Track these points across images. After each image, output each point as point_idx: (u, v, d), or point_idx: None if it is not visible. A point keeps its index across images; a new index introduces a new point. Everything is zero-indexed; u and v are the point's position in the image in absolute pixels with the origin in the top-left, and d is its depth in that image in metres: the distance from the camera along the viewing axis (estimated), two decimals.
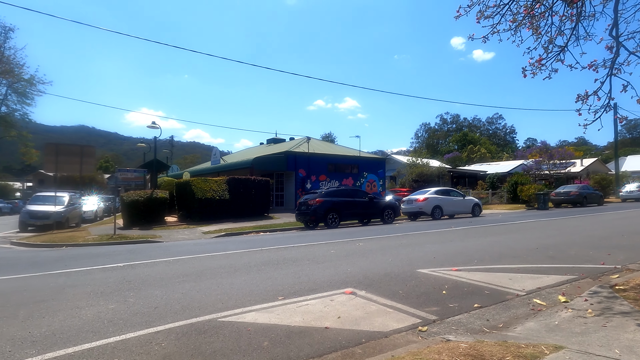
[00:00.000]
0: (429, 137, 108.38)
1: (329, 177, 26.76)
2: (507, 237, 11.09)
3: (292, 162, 25.41)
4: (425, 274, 6.53)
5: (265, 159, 25.67)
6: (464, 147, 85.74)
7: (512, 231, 12.70)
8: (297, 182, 25.40)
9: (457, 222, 17.04)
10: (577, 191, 26.73)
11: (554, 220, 16.22)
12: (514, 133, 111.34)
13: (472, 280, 6.14)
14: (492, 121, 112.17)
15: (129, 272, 7.32)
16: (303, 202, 17.08)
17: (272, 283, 6.14)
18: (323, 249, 9.57)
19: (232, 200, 20.01)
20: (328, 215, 16.36)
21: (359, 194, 18.31)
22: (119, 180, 19.79)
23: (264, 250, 9.67)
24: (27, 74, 45.88)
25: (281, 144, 33.21)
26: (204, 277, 6.66)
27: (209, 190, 19.58)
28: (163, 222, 19.06)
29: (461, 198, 20.49)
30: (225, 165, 28.03)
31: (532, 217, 18.55)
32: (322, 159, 26.72)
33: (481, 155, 77.20)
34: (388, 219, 17.86)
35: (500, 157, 78.36)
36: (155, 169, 20.89)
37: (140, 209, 18.13)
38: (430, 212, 19.13)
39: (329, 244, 10.61)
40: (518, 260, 7.64)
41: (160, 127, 20.02)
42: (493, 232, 12.42)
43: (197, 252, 9.78)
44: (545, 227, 13.87)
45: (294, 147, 27.28)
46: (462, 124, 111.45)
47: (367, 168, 28.77)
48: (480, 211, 20.93)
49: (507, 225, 14.83)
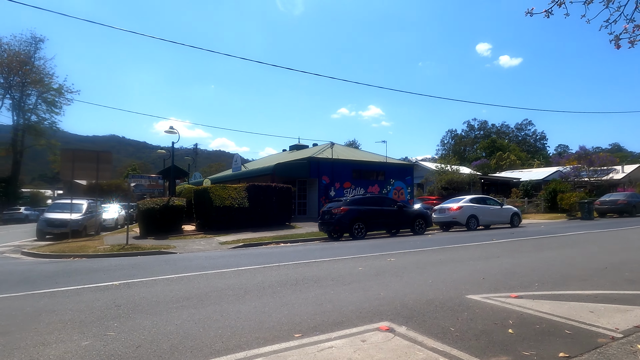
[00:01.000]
0: (456, 144, 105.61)
1: (353, 184, 25.47)
2: (563, 253, 9.55)
3: (315, 169, 24.28)
4: (478, 302, 5.21)
5: (287, 165, 24.66)
6: (492, 154, 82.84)
7: (566, 245, 11.11)
8: (321, 190, 24.24)
9: (497, 233, 15.45)
10: (625, 199, 24.51)
11: (608, 232, 14.44)
12: (544, 139, 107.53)
13: (542, 312, 4.78)
14: (521, 127, 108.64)
15: (123, 293, 6.28)
16: (326, 210, 15.87)
17: (288, 312, 4.96)
18: (349, 265, 8.33)
19: (251, 208, 19.02)
20: (354, 225, 15.08)
21: (387, 202, 16.96)
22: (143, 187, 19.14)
23: (281, 266, 8.50)
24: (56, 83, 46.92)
25: (304, 150, 32.20)
26: (207, 302, 5.54)
27: (227, 198, 18.65)
28: (180, 231, 18.22)
29: (498, 207, 18.83)
30: (246, 172, 27.19)
31: (579, 228, 16.74)
32: (346, 165, 25.48)
33: (511, 163, 74.26)
34: (419, 229, 16.42)
35: (530, 164, 75.32)
36: (172, 176, 20.16)
37: (156, 218, 17.35)
38: (465, 222, 17.58)
39: (356, 258, 9.36)
40: (589, 285, 6.21)
41: (178, 132, 19.31)
42: (543, 246, 10.87)
43: (207, 267, 8.70)
44: (603, 240, 12.17)
45: (317, 152, 26.19)
46: (490, 130, 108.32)
47: (394, 175, 27.33)
48: (520, 221, 19.19)
49: (556, 238, 13.18)
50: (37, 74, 44.13)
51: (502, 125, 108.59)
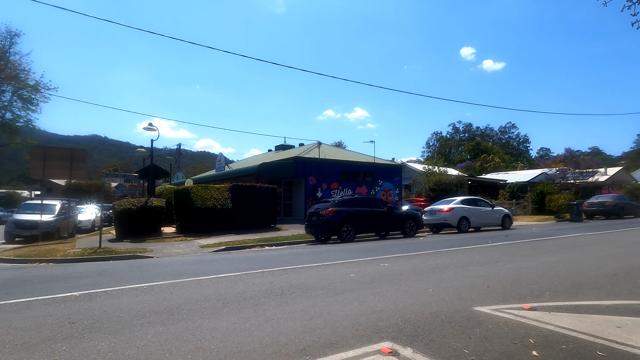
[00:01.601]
0: (441, 146, 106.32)
1: (341, 185, 24.79)
2: (565, 257, 9.02)
3: (301, 169, 23.53)
4: (489, 316, 4.57)
5: (273, 165, 23.86)
6: (477, 157, 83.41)
7: (565, 248, 10.61)
8: (307, 191, 23.50)
9: (490, 236, 14.95)
10: (613, 201, 24.40)
11: (603, 235, 14.05)
12: (527, 142, 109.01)
13: (564, 328, 4.16)
14: (505, 130, 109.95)
15: (82, 306, 5.45)
16: (314, 212, 15.15)
17: (272, 329, 4.23)
18: (340, 272, 7.62)
19: (235, 209, 18.17)
20: (342, 227, 14.39)
21: (377, 203, 16.31)
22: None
23: (265, 272, 7.74)
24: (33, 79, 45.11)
25: (290, 150, 31.42)
26: (178, 317, 4.77)
27: (209, 199, 17.77)
28: (159, 233, 17.27)
29: (490, 208, 18.38)
30: (230, 172, 26.27)
31: (571, 230, 16.37)
32: (334, 165, 24.78)
33: (495, 165, 74.78)
34: (410, 231, 15.81)
35: (514, 166, 76.07)
36: (151, 176, 19.17)
37: (133, 219, 16.37)
38: (456, 224, 17.06)
39: (346, 264, 8.66)
40: (605, 293, 5.65)
41: (158, 129, 18.32)
42: (542, 250, 10.34)
43: (183, 274, 7.89)
44: (601, 243, 11.73)
45: (303, 152, 25.44)
46: (474, 133, 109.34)
47: (382, 176, 26.76)
48: (511, 223, 18.76)
49: (552, 240, 12.71)
50: (12, 70, 42.35)
51: (486, 128, 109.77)
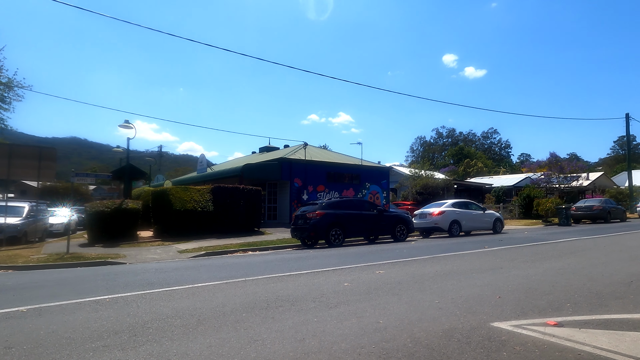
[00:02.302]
0: (425, 151, 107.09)
1: (327, 187, 24.05)
2: (569, 262, 8.44)
3: (286, 171, 22.70)
4: (512, 335, 3.87)
5: (257, 166, 22.96)
6: (460, 161, 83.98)
7: (565, 253, 10.07)
8: (293, 193, 22.67)
9: (484, 240, 14.40)
10: (600, 205, 24.29)
11: (599, 239, 13.64)
12: (509, 148, 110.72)
13: (604, 349, 3.50)
14: (487, 135, 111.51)
15: (26, 324, 4.55)
16: (300, 215, 14.35)
17: (256, 354, 3.44)
18: (332, 280, 6.85)
19: (216, 212, 17.24)
20: (331, 231, 13.63)
21: (366, 205, 15.62)
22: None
23: (248, 281, 6.92)
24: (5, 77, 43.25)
25: (275, 152, 30.54)
26: (142, 338, 3.93)
27: (189, 201, 16.80)
28: (135, 237, 16.22)
29: (481, 212, 17.89)
30: (212, 173, 25.24)
31: (564, 234, 15.97)
32: (320, 167, 24.02)
33: (478, 170, 75.30)
34: (400, 235, 15.14)
35: (496, 171, 76.82)
36: (127, 176, 18.06)
37: (107, 222, 15.31)
38: (448, 228, 16.49)
39: (338, 271, 7.90)
40: (630, 304, 5.03)
41: (135, 127, 17.28)
42: (543, 255, 9.77)
43: (154, 283, 7.00)
44: (599, 247, 11.26)
45: (289, 154, 24.60)
46: (457, 138, 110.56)
47: (369, 178, 26.11)
48: (502, 227, 18.31)
49: (550, 245, 12.20)
50: None
51: (469, 134, 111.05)
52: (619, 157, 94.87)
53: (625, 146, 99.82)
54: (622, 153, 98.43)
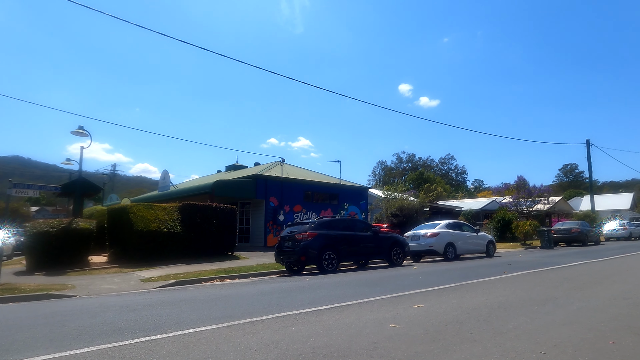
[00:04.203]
0: (386, 175, 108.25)
1: (305, 207, 22.33)
2: (621, 290, 7.23)
3: (262, 189, 20.80)
4: None
5: (230, 183, 20.87)
6: (420, 186, 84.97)
7: (599, 279, 8.92)
8: (268, 213, 20.74)
9: (488, 264, 13.20)
10: (578, 228, 24.14)
11: (605, 262, 12.81)
12: (465, 173, 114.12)
13: None
14: (444, 161, 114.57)
15: None
16: (287, 236, 12.52)
17: None
18: (369, 319, 5.15)
19: (185, 233, 15.04)
20: (324, 254, 11.88)
21: (359, 225, 14.01)
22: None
23: (256, 323, 5.07)
24: None
25: (245, 170, 28.54)
26: None
27: (153, 220, 14.53)
28: (85, 263, 13.70)
29: (474, 234, 16.79)
30: (177, 191, 22.81)
31: (563, 257, 15.13)
32: (297, 185, 22.33)
33: (438, 194, 76.17)
34: (397, 259, 13.62)
35: (454, 196, 78.23)
36: (79, 192, 15.52)
37: (51, 246, 12.78)
38: (443, 250, 15.21)
39: (365, 305, 6.20)
40: None
41: (90, 134, 14.96)
42: (579, 282, 8.55)
43: (123, 329, 4.98)
44: (622, 270, 10.29)
45: (264, 170, 22.71)
46: (417, 163, 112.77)
47: (348, 199, 24.69)
48: (495, 250, 17.30)
49: (567, 269, 11.13)
50: None
51: (427, 159, 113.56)
52: (563, 184, 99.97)
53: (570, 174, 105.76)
54: (565, 180, 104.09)
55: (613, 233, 31.91)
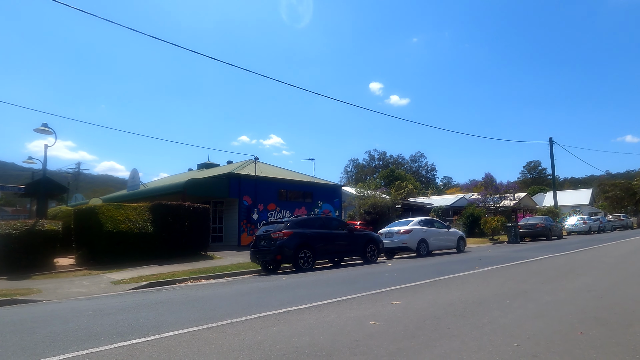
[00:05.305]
0: (358, 173, 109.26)
1: (279, 206, 22.24)
2: (585, 283, 7.61)
3: (235, 187, 20.56)
4: None
5: (202, 182, 20.52)
6: (391, 183, 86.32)
7: (564, 272, 9.35)
8: (242, 212, 20.52)
9: (460, 260, 13.57)
10: (542, 223, 25.16)
11: (571, 255, 13.42)
12: (434, 171, 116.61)
13: None
14: (415, 159, 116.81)
15: None
16: (263, 235, 12.46)
17: None
18: (349, 317, 5.21)
19: (157, 234, 14.70)
20: (299, 253, 11.89)
21: (334, 223, 14.07)
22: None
23: (237, 324, 5.04)
24: None
25: (217, 168, 28.13)
26: None
27: (123, 221, 14.12)
28: (51, 266, 13.17)
29: (446, 230, 17.20)
30: (148, 190, 22.23)
31: (529, 251, 15.73)
32: (271, 184, 22.19)
33: (408, 191, 77.62)
34: (371, 257, 13.81)
35: (424, 193, 79.84)
36: (43, 192, 14.87)
37: (14, 248, 12.21)
38: (416, 247, 15.52)
39: (344, 303, 6.26)
40: None
41: (54, 131, 14.36)
42: (546, 276, 8.94)
43: (99, 334, 4.83)
44: (590, 264, 10.81)
45: (237, 169, 22.42)
46: (388, 161, 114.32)
47: (322, 197, 24.77)
48: (465, 245, 17.80)
49: (534, 263, 11.58)
50: None
51: (398, 157, 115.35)
52: (527, 181, 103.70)
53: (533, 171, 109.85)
54: (529, 177, 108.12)
55: (574, 227, 33.43)
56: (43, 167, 15.04)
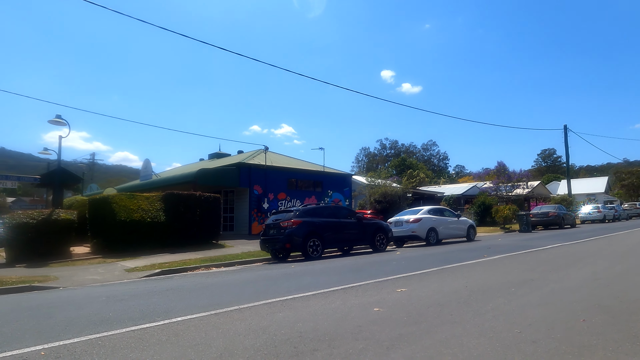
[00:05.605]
0: (369, 162, 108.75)
1: (289, 195, 22.42)
2: (593, 272, 7.58)
3: (245, 177, 20.76)
4: None
5: (213, 172, 20.76)
6: (403, 172, 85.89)
7: (574, 261, 9.32)
8: (252, 201, 20.75)
9: (469, 248, 13.56)
10: (555, 212, 24.88)
11: (577, 245, 13.31)
12: (447, 159, 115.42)
13: None
14: (427, 148, 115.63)
15: None
16: (272, 224, 12.62)
17: None
18: (354, 304, 5.32)
19: (169, 223, 14.98)
20: (308, 241, 12.03)
21: (343, 212, 14.18)
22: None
23: (243, 310, 5.19)
24: None
25: (228, 158, 28.36)
26: None
27: (136, 210, 14.42)
28: (67, 254, 13.55)
29: (456, 219, 17.18)
30: (160, 180, 22.60)
31: (540, 240, 15.63)
32: (281, 173, 22.35)
33: (420, 180, 77.16)
34: (380, 245, 13.88)
35: (436, 182, 79.19)
36: (59, 182, 15.24)
37: (32, 236, 12.60)
38: (425, 236, 15.54)
39: (350, 290, 6.37)
40: None
41: (68, 123, 14.65)
42: (554, 264, 8.93)
43: (112, 319, 5.02)
44: (596, 253, 10.73)
45: (247, 158, 22.63)
46: (399, 150, 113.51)
47: (332, 186, 24.85)
48: (475, 234, 17.76)
49: (543, 252, 11.54)
50: None
51: (410, 145, 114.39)
52: (541, 169, 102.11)
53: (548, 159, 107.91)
54: (544, 165, 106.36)
55: (588, 216, 32.98)
56: (58, 158, 15.41)
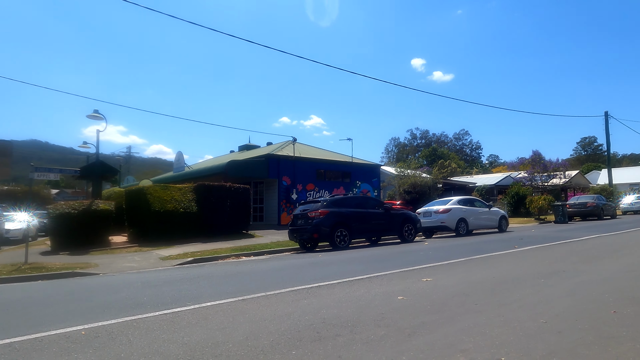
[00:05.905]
0: (399, 152, 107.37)
1: (317, 186, 22.57)
2: (628, 263, 7.30)
3: (274, 168, 21.07)
4: None
5: (243, 163, 21.17)
6: (433, 162, 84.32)
7: (609, 252, 8.99)
8: (281, 192, 21.05)
9: (500, 239, 13.29)
10: (594, 202, 23.88)
11: (615, 236, 12.78)
12: (479, 149, 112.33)
13: None
14: (459, 137, 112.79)
15: None
16: (300, 214, 12.80)
17: None
18: (377, 292, 5.38)
19: (200, 213, 15.44)
20: (335, 231, 12.14)
21: (371, 203, 14.20)
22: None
23: (270, 297, 5.36)
24: None
25: (257, 150, 28.79)
26: None
27: (169, 201, 14.94)
28: (106, 243, 14.23)
29: (487, 209, 16.84)
30: (192, 172, 23.27)
31: (576, 231, 15.10)
32: (310, 164, 22.52)
33: (452, 170, 75.51)
34: (409, 236, 13.81)
35: (469, 172, 77.22)
36: (98, 174, 15.99)
37: (73, 226, 13.30)
38: (455, 226, 15.32)
39: (375, 279, 6.43)
40: None
41: (105, 118, 15.30)
42: (587, 255, 8.65)
43: (145, 303, 5.31)
44: (631, 246, 10.28)
45: (276, 150, 22.95)
46: (430, 139, 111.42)
47: (360, 176, 24.82)
48: (507, 225, 17.33)
49: (577, 243, 11.17)
50: None
51: (441, 135, 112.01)
52: (581, 158, 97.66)
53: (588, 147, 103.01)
54: (584, 154, 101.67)
55: (630, 207, 31.46)
56: (96, 151, 16.17)
